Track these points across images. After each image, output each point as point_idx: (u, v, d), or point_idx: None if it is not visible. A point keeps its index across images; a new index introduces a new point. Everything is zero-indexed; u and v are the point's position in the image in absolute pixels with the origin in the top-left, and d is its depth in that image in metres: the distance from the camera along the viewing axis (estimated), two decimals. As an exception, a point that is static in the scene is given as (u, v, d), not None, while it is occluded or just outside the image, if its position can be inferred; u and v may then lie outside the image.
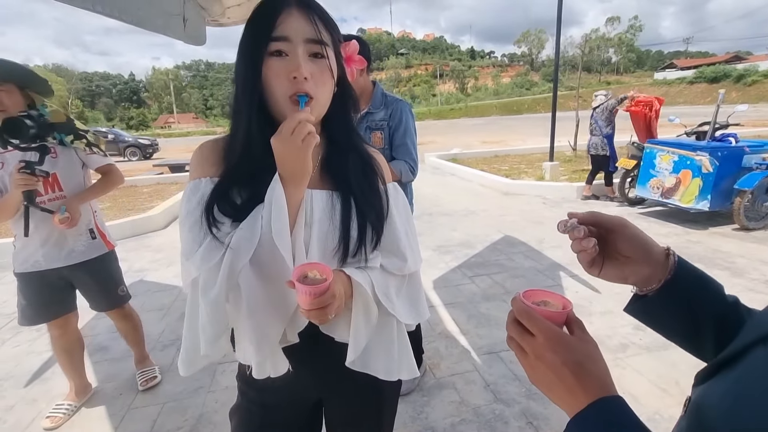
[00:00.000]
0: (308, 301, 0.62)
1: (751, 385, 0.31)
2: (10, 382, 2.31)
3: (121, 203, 6.73)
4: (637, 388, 2.03)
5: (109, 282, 2.05)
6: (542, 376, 0.44)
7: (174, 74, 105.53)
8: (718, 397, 0.34)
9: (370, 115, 1.77)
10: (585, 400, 0.40)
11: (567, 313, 0.47)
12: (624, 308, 0.58)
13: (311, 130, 0.66)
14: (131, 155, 17.50)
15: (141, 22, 1.15)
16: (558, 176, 6.98)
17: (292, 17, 0.68)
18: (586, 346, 0.44)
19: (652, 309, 0.54)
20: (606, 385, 0.41)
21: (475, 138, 17.76)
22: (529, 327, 0.44)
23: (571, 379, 0.41)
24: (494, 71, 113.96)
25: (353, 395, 0.91)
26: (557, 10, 6.62)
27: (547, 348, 0.43)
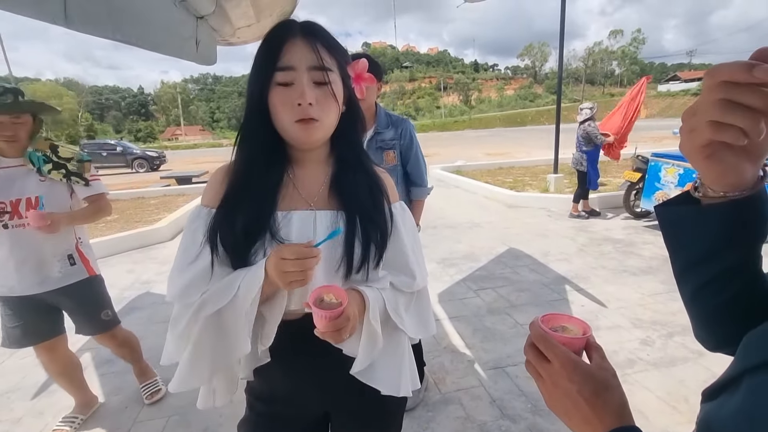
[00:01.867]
0: (324, 324, 0.66)
1: (761, 413, 0.31)
2: (18, 394, 2.33)
3: (128, 215, 6.80)
4: (646, 405, 2.00)
5: (91, 307, 1.96)
6: (558, 403, 0.44)
7: (182, 88, 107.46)
8: (728, 421, 0.34)
9: (379, 134, 1.80)
10: (601, 430, 0.40)
11: (586, 339, 0.46)
12: (657, 206, 0.49)
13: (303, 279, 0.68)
14: (139, 167, 17.73)
15: (157, 47, 1.20)
16: (562, 188, 6.99)
17: (296, 47, 0.72)
18: (604, 375, 0.43)
19: (702, 221, 0.44)
20: (623, 415, 0.41)
21: (479, 150, 17.83)
22: (546, 353, 0.44)
23: (586, 408, 0.41)
24: (498, 84, 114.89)
25: (359, 409, 0.92)
26: (560, 23, 6.72)
27: (563, 376, 0.42)
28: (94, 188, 1.88)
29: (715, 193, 0.42)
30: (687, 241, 0.47)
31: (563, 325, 0.49)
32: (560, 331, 0.47)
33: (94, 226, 6.02)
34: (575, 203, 5.61)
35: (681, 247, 0.48)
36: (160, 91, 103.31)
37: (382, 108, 1.88)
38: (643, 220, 5.31)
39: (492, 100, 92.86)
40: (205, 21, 1.66)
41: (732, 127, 0.35)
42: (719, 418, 0.35)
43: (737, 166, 0.39)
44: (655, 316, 2.81)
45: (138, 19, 1.02)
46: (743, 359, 0.36)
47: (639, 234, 4.78)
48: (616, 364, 2.29)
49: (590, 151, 5.33)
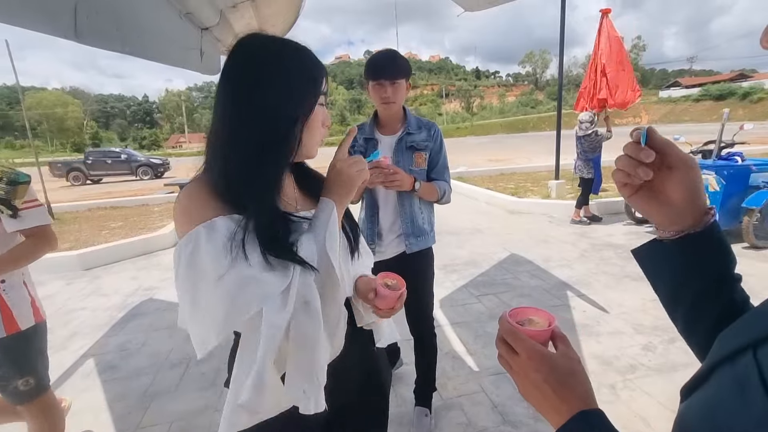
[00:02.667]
0: (393, 305, 0.86)
1: (721, 405, 0.33)
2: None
3: (133, 222, 6.86)
4: (648, 410, 1.99)
5: (6, 371, 1.50)
6: (529, 392, 0.47)
7: (186, 95, 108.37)
8: (695, 413, 0.36)
9: (410, 135, 1.72)
10: (567, 414, 0.42)
11: (551, 330, 0.49)
12: (632, 249, 0.58)
13: (364, 168, 0.80)
14: (143, 174, 17.88)
15: (163, 58, 1.23)
16: (564, 194, 6.99)
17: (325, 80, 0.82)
18: (569, 363, 0.46)
19: (665, 256, 0.53)
20: (587, 399, 0.43)
21: (480, 156, 17.87)
22: (514, 346, 0.47)
23: (552, 395, 0.44)
24: (499, 91, 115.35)
25: (361, 413, 0.95)
26: (560, 30, 6.77)
27: (530, 366, 0.45)
28: (26, 220, 1.43)
29: (666, 234, 0.52)
30: (659, 275, 0.55)
31: (530, 317, 0.52)
32: (527, 324, 0.50)
33: (98, 233, 6.08)
34: (577, 209, 5.62)
35: (657, 281, 0.56)
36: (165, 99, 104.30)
37: (410, 111, 1.80)
38: (644, 226, 5.30)
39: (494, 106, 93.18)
40: (209, 32, 1.70)
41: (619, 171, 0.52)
42: (689, 413, 0.37)
43: (656, 207, 0.52)
44: (656, 322, 2.81)
45: (145, 31, 1.05)
46: (712, 356, 0.38)
47: (641, 239, 4.72)
48: (617, 370, 2.30)
49: (596, 158, 5.42)
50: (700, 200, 0.50)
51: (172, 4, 1.21)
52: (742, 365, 0.32)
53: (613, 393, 2.13)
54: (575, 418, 0.42)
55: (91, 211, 8.17)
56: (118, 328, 3.16)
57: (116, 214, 7.70)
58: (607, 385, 2.20)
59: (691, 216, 0.50)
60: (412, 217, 1.75)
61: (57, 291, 4.05)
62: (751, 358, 0.31)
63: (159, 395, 2.32)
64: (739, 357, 0.33)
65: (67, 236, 5.90)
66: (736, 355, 0.33)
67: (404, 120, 1.76)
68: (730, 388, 0.32)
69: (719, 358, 0.36)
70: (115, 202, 8.97)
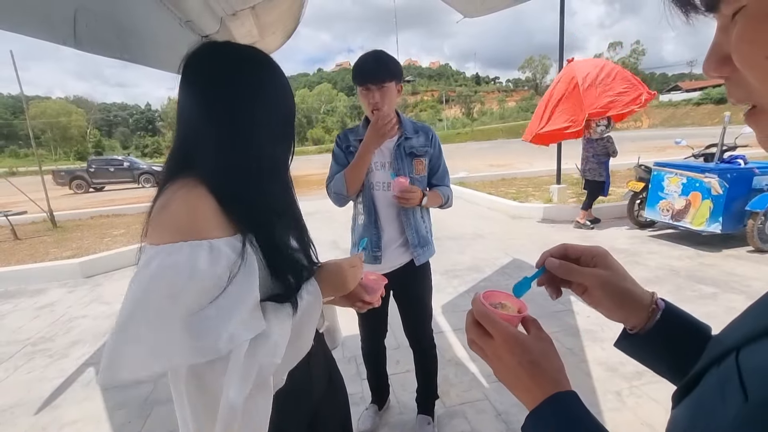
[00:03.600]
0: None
1: (702, 407, 0.32)
2: (22, 409, 2.33)
3: (135, 229, 6.86)
4: (655, 417, 1.96)
5: None
6: (503, 375, 0.46)
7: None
8: (683, 418, 0.35)
9: (408, 140, 1.63)
10: (540, 396, 0.42)
11: (522, 316, 0.49)
12: (614, 344, 0.58)
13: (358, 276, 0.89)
14: (145, 182, 17.94)
15: (163, 65, 1.24)
16: (566, 199, 6.97)
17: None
18: (541, 344, 0.46)
19: (639, 348, 0.54)
20: (559, 381, 0.43)
21: (481, 161, 17.89)
22: (488, 328, 0.47)
23: (526, 377, 0.43)
24: (499, 96, 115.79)
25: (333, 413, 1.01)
26: (559, 36, 6.80)
27: (504, 349, 0.45)
28: None
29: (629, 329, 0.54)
30: (646, 363, 0.55)
31: (501, 302, 0.52)
32: (499, 308, 0.50)
33: (100, 240, 6.08)
34: (584, 211, 5.60)
35: (652, 368, 0.55)
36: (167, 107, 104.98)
37: (403, 114, 1.73)
38: (647, 230, 5.28)
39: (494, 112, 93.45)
40: (209, 40, 1.70)
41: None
42: (678, 418, 0.36)
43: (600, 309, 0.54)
44: None
45: (145, 39, 1.06)
46: (701, 361, 0.37)
47: (644, 244, 4.74)
48: (623, 377, 2.27)
49: (607, 161, 5.44)
50: (633, 299, 0.51)
51: (172, 11, 1.22)
52: (724, 368, 0.32)
53: (619, 400, 2.10)
54: (548, 401, 0.42)
55: (93, 219, 8.19)
56: (119, 336, 3.15)
57: (118, 222, 7.72)
58: (613, 391, 2.17)
59: (632, 313, 0.51)
60: (416, 227, 1.68)
61: (58, 299, 4.05)
62: (733, 359, 0.31)
63: (159, 403, 2.30)
64: (725, 359, 0.32)
65: (69, 244, 5.90)
66: (723, 359, 0.33)
67: (398, 124, 1.66)
68: (713, 391, 0.32)
69: (707, 362, 0.35)
70: (118, 209, 8.99)
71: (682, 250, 4.42)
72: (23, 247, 5.86)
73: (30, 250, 5.67)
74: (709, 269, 3.81)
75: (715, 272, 3.73)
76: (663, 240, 4.85)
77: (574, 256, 0.55)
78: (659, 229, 5.24)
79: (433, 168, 1.73)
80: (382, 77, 1.47)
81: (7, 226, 6.60)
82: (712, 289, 3.30)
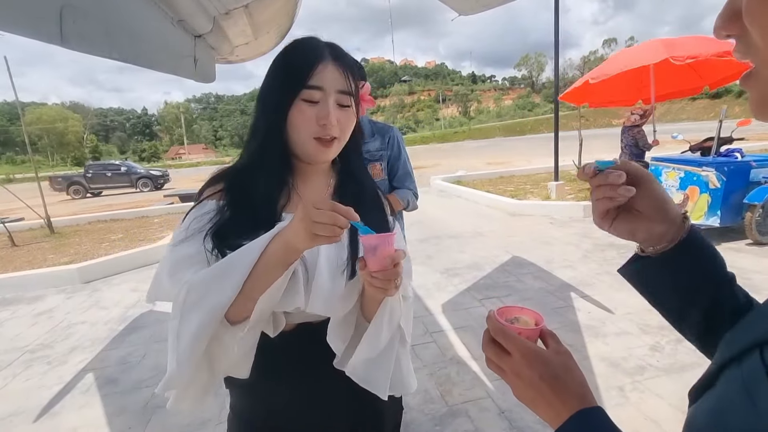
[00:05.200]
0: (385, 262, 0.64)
1: (726, 407, 0.31)
2: (21, 417, 2.30)
3: (133, 233, 6.83)
4: (658, 412, 1.95)
5: None
6: (523, 392, 0.44)
7: (185, 107, 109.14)
8: (704, 417, 0.34)
9: (363, 145, 1.58)
10: (565, 414, 0.40)
11: (540, 329, 0.47)
12: (618, 269, 0.57)
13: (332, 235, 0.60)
14: (143, 186, 17.91)
15: (154, 65, 1.22)
16: (564, 195, 6.98)
17: (327, 69, 0.73)
18: (562, 359, 0.44)
19: (651, 271, 0.52)
20: (584, 396, 0.42)
21: (479, 160, 17.91)
22: (505, 345, 0.45)
23: (549, 393, 0.42)
24: (496, 94, 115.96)
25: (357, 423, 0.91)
26: (554, 34, 6.81)
27: (524, 365, 0.44)
28: None
29: (649, 249, 0.52)
30: (655, 292, 0.54)
31: (516, 316, 0.50)
32: (515, 323, 0.48)
33: (98, 245, 6.05)
34: None
35: (653, 298, 0.54)
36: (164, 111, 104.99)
37: (365, 116, 1.65)
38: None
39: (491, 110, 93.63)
40: (203, 39, 1.69)
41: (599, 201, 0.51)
42: (697, 416, 0.35)
43: (636, 225, 0.51)
44: (663, 322, 2.71)
45: (135, 37, 1.04)
46: (720, 356, 0.36)
47: (643, 239, 4.74)
48: (626, 372, 2.26)
49: (640, 154, 5.39)
50: (671, 208, 0.51)
51: (163, 10, 1.20)
52: (748, 366, 0.31)
53: (622, 395, 2.09)
54: (574, 417, 0.40)
55: (91, 224, 8.15)
56: (119, 341, 3.13)
57: (116, 227, 7.68)
58: (616, 387, 2.16)
59: (668, 226, 0.50)
60: None
61: (57, 305, 4.02)
62: (758, 358, 0.30)
63: (160, 409, 2.27)
64: (746, 358, 0.32)
65: (67, 249, 5.87)
66: (743, 356, 0.32)
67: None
68: (737, 390, 0.31)
69: (726, 359, 0.34)
70: (116, 214, 8.95)
71: (681, 245, 4.41)
72: (21, 254, 5.82)
73: (28, 257, 5.64)
74: (709, 263, 3.81)
75: (715, 266, 3.72)
76: (662, 234, 4.84)
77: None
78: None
79: (391, 170, 1.65)
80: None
81: (4, 234, 6.56)
82: None
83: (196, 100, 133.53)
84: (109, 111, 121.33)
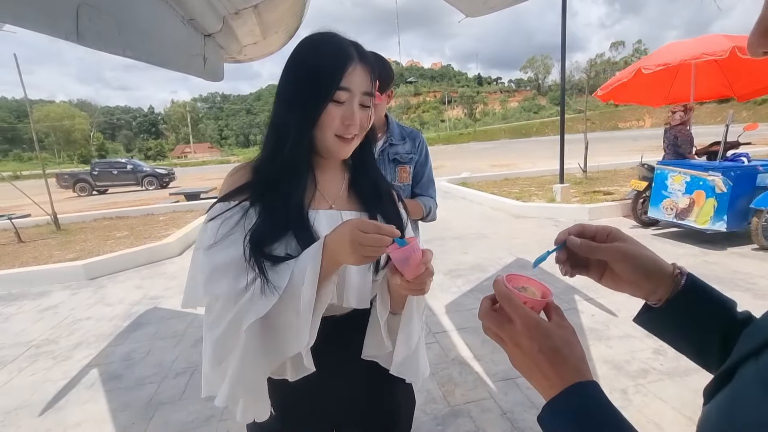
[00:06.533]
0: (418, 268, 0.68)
1: (741, 401, 0.31)
2: (25, 411, 2.33)
3: (138, 231, 6.88)
4: (661, 416, 1.94)
5: None
6: (520, 362, 0.44)
7: (191, 106, 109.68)
8: (718, 412, 0.34)
9: (393, 146, 1.57)
10: (560, 386, 0.40)
11: (546, 302, 0.47)
12: (633, 318, 0.56)
13: (379, 254, 0.66)
14: (149, 184, 18.02)
15: (166, 63, 1.24)
16: (569, 198, 6.95)
17: (356, 71, 0.75)
18: (564, 332, 0.44)
19: (661, 322, 0.52)
20: (581, 370, 0.41)
21: (484, 162, 17.89)
22: (509, 311, 0.45)
23: (546, 365, 0.41)
24: (502, 96, 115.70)
25: (372, 421, 0.93)
26: (561, 36, 6.80)
27: (525, 334, 0.43)
28: None
29: (650, 302, 0.52)
30: (666, 339, 0.54)
31: (524, 285, 0.49)
32: (522, 292, 0.47)
33: (104, 242, 6.10)
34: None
35: (672, 343, 0.54)
36: (170, 110, 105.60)
37: (393, 118, 1.66)
38: (651, 229, 5.25)
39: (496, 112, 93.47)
40: (212, 38, 1.71)
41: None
42: (710, 414, 0.35)
43: (617, 285, 0.53)
44: None
45: (147, 36, 1.06)
46: (735, 353, 0.36)
47: (648, 242, 4.68)
48: (629, 375, 2.25)
49: (682, 155, 5.12)
50: (654, 268, 0.50)
51: (175, 9, 1.22)
52: (766, 360, 0.31)
53: (625, 398, 2.09)
54: (570, 389, 0.40)
55: (97, 222, 8.22)
56: (123, 338, 3.15)
57: (122, 224, 7.74)
58: (619, 390, 2.15)
59: (655, 284, 0.50)
60: None
61: (62, 301, 4.06)
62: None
63: (163, 405, 2.29)
64: (764, 352, 0.31)
65: (72, 246, 5.93)
66: (761, 351, 0.32)
67: (386, 127, 1.58)
68: (754, 383, 0.31)
69: (743, 354, 0.34)
70: (121, 212, 9.02)
71: (686, 249, 4.39)
72: (27, 250, 5.88)
73: (34, 253, 5.69)
74: (714, 267, 3.79)
75: (721, 270, 3.70)
76: (667, 238, 4.82)
77: (589, 234, 0.54)
78: (663, 227, 5.22)
79: (416, 176, 1.62)
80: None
81: (11, 229, 6.63)
82: (718, 287, 3.20)
83: (202, 99, 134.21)
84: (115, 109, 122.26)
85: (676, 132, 5.07)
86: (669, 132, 5.21)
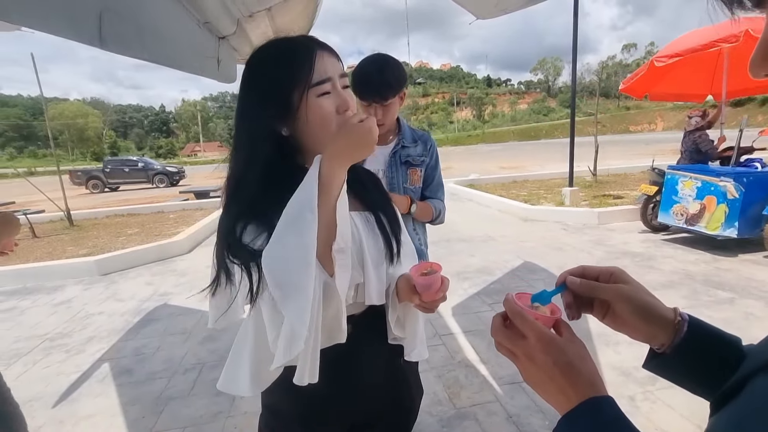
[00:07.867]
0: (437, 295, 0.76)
1: (750, 414, 0.31)
2: (40, 403, 2.38)
3: (149, 228, 6.98)
4: (670, 424, 1.93)
5: None
6: (534, 377, 0.45)
7: (201, 105, 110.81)
8: (725, 426, 0.35)
9: (405, 148, 1.56)
10: (576, 400, 0.41)
11: (556, 318, 0.48)
12: (642, 365, 0.56)
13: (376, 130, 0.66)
14: (159, 182, 18.27)
15: (182, 65, 1.27)
16: (578, 202, 6.89)
17: (324, 58, 0.72)
18: (576, 347, 0.45)
19: (672, 368, 0.52)
20: (595, 384, 0.42)
21: (492, 163, 17.80)
22: (521, 328, 0.46)
23: (561, 379, 0.42)
24: (511, 98, 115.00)
25: (390, 417, 0.96)
26: (573, 37, 6.75)
27: (539, 349, 0.44)
28: None
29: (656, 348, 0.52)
30: (676, 382, 0.53)
31: (534, 304, 0.51)
32: (532, 309, 0.49)
33: (115, 238, 6.20)
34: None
35: (684, 386, 0.53)
36: (181, 109, 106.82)
37: (405, 121, 1.66)
38: (661, 234, 5.18)
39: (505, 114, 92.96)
40: (226, 41, 1.74)
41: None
42: (719, 426, 0.36)
43: (618, 327, 0.52)
44: None
45: (165, 39, 1.09)
46: (744, 367, 0.36)
47: (658, 248, 4.66)
48: (637, 381, 2.23)
49: (703, 160, 5.10)
50: (657, 313, 0.50)
51: (191, 13, 1.25)
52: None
53: (632, 405, 2.07)
54: (584, 404, 0.40)
55: (109, 218, 8.35)
56: (134, 333, 3.21)
57: (133, 221, 7.86)
58: (627, 396, 2.14)
59: (657, 329, 0.50)
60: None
61: (75, 295, 4.14)
62: None
63: (172, 400, 2.33)
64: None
65: (85, 242, 6.03)
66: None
67: (397, 130, 1.59)
68: (763, 396, 0.31)
69: (754, 368, 0.35)
70: (132, 209, 9.16)
71: (697, 255, 4.33)
72: (41, 245, 6.00)
73: (48, 248, 5.81)
74: (725, 274, 3.73)
75: (732, 277, 3.65)
76: (678, 244, 4.76)
77: (592, 276, 0.54)
78: (673, 232, 5.15)
79: (427, 178, 1.63)
80: (386, 94, 1.36)
81: (26, 225, 6.77)
82: (729, 294, 3.23)
83: (212, 98, 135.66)
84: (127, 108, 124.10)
85: (695, 138, 5.01)
86: (687, 137, 5.15)
